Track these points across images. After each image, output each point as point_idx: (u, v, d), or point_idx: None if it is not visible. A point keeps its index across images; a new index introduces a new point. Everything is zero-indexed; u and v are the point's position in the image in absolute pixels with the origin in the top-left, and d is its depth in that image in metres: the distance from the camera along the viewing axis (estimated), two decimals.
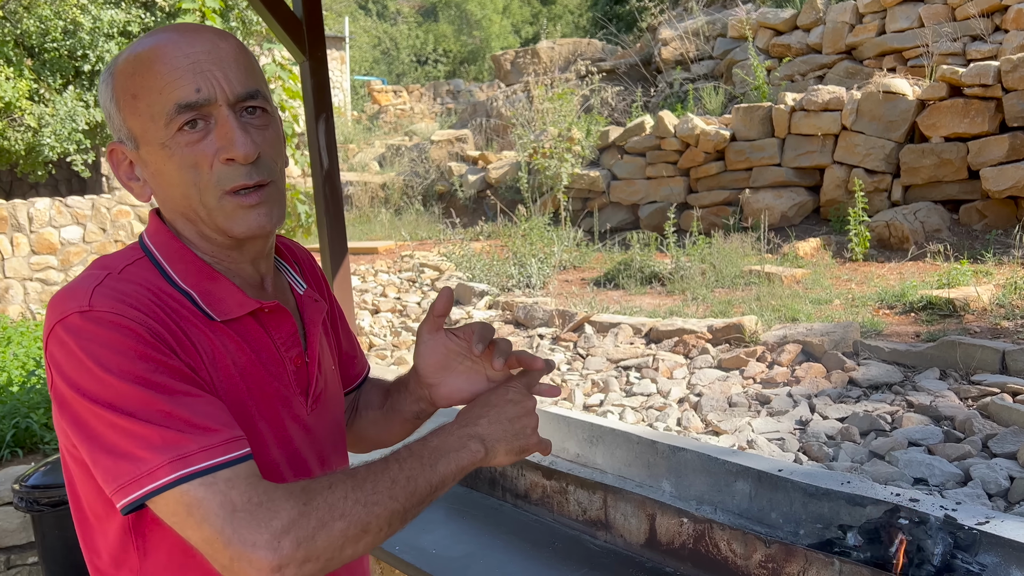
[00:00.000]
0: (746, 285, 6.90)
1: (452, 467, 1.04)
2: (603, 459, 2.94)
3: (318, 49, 4.52)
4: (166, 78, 1.00)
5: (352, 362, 1.41)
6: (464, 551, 2.44)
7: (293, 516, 0.90)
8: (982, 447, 3.62)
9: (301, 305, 1.21)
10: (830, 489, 2.31)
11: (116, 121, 1.06)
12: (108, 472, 0.91)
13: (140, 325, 0.94)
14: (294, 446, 1.12)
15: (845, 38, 9.93)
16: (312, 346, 1.17)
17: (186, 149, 1.01)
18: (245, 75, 1.04)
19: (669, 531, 2.36)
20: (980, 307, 5.53)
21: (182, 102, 1.00)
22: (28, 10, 10.47)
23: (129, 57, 1.04)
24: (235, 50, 1.05)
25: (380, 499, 0.96)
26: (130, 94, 1.02)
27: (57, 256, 9.77)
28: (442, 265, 8.73)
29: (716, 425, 4.18)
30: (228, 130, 1.01)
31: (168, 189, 1.05)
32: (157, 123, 1.01)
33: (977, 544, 2.05)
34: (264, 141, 1.05)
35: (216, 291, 1.07)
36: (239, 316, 1.07)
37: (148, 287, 1.01)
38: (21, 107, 10.13)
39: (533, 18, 28.34)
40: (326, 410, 1.21)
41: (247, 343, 1.07)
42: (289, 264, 1.26)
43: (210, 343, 1.03)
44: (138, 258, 1.06)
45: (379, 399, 1.39)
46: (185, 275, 1.06)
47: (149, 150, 1.03)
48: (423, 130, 15.18)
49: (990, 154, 7.26)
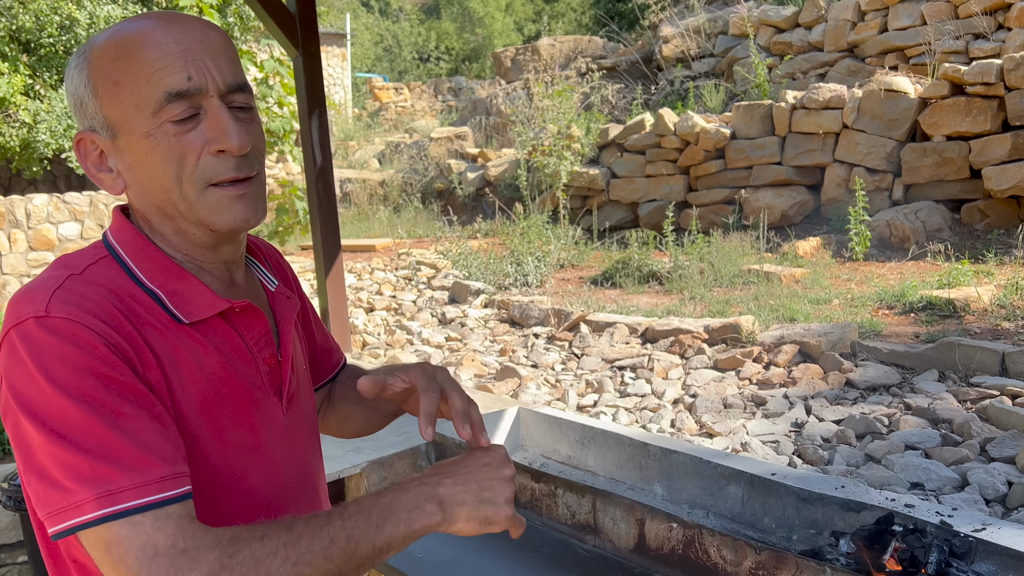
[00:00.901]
0: (745, 284, 6.85)
1: (401, 530, 0.94)
2: (595, 461, 2.90)
3: (311, 44, 4.49)
4: (155, 64, 0.95)
5: (328, 355, 1.38)
6: (450, 555, 2.40)
7: (214, 569, 0.84)
8: (980, 451, 3.57)
9: (273, 302, 1.17)
10: (824, 494, 2.27)
11: (90, 109, 1.00)
12: (37, 497, 0.88)
13: (97, 335, 0.90)
14: (267, 451, 1.07)
15: (847, 36, 9.87)
16: (285, 344, 1.13)
17: (173, 139, 0.97)
18: (235, 67, 1.01)
19: (658, 536, 2.31)
20: (980, 308, 5.48)
21: (172, 90, 0.95)
22: (24, 5, 10.43)
23: (109, 42, 0.98)
24: (224, 41, 1.02)
25: (313, 559, 0.89)
26: (111, 80, 0.97)
27: (55, 252, 9.74)
28: (439, 263, 8.69)
29: (710, 427, 4.13)
30: (221, 121, 0.97)
31: (146, 181, 1.00)
32: (143, 111, 0.96)
33: (973, 552, 2.00)
34: (252, 135, 1.02)
35: (184, 291, 1.02)
36: (208, 317, 1.02)
37: (111, 288, 0.96)
38: (16, 103, 10.09)
39: (536, 15, 28.26)
40: (301, 409, 1.17)
41: (214, 346, 1.02)
42: (259, 261, 1.22)
43: (174, 349, 0.98)
44: (102, 257, 1.02)
45: (357, 392, 1.34)
46: (152, 274, 1.02)
47: (129, 139, 0.98)
48: (423, 127, 15.15)
49: (992, 153, 7.21)
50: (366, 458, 2.86)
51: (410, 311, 7.34)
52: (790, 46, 10.51)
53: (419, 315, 7.16)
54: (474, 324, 6.71)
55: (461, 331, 6.55)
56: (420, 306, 7.45)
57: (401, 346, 6.32)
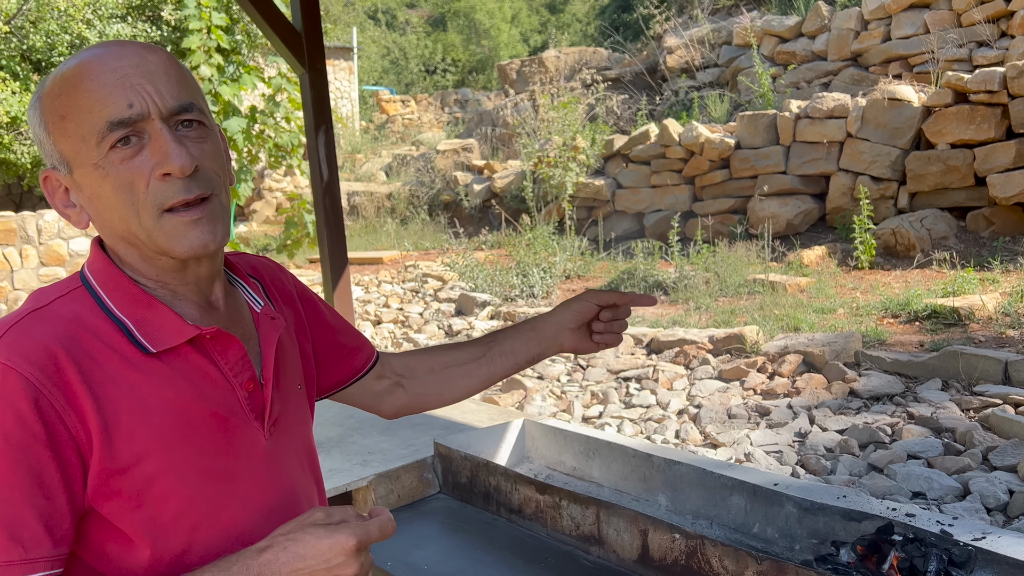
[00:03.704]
0: (750, 294, 6.87)
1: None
2: (599, 472, 2.92)
3: (317, 62, 4.55)
4: (95, 95, 0.96)
5: (354, 354, 1.40)
6: (456, 567, 2.43)
7: None
8: (982, 460, 3.58)
9: (258, 324, 1.16)
10: (825, 504, 2.29)
11: (47, 146, 1.01)
12: None
13: (27, 383, 0.91)
14: (247, 478, 1.07)
15: (850, 45, 9.90)
16: (267, 367, 1.12)
17: (120, 167, 0.97)
18: (177, 88, 1.00)
19: (661, 547, 2.34)
20: (985, 316, 5.49)
21: (114, 119, 0.96)
22: (35, 25, 10.56)
23: (56, 78, 1.00)
24: (165, 62, 1.01)
25: None
26: (58, 115, 0.98)
27: (66, 267, 9.83)
28: (445, 275, 8.74)
29: (714, 437, 4.15)
30: (162, 144, 0.97)
31: (105, 213, 1.01)
32: (88, 143, 0.97)
33: (972, 561, 2.02)
34: (202, 154, 1.01)
35: (152, 319, 1.02)
36: (176, 345, 1.03)
37: (70, 324, 0.97)
38: (27, 121, 10.20)
39: (542, 27, 28.40)
40: (288, 431, 1.16)
41: (182, 375, 1.02)
42: (246, 280, 1.21)
43: (136, 382, 0.98)
44: (73, 288, 1.03)
45: (455, 356, 1.48)
46: (122, 304, 1.02)
47: (82, 172, 0.99)
48: (430, 139, 15.22)
49: (997, 160, 7.22)
50: (373, 471, 2.90)
51: (417, 323, 7.38)
52: (794, 55, 10.55)
53: (426, 327, 7.20)
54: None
55: None
56: (427, 318, 7.50)
57: None
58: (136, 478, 0.97)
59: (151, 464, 0.97)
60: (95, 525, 0.98)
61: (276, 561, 0.94)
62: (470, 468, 2.72)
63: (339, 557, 0.93)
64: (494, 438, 2.97)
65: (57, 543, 0.93)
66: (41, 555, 0.91)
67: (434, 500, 2.80)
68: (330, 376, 1.38)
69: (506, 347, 1.48)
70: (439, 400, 1.52)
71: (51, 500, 0.92)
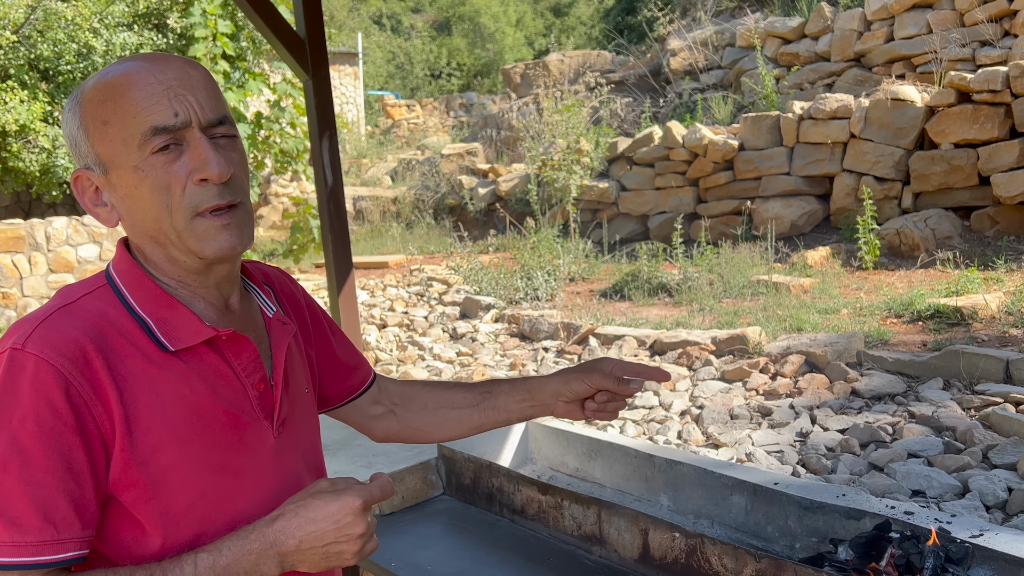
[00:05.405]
0: (754, 295, 6.89)
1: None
2: (602, 473, 2.95)
3: (321, 68, 4.59)
4: (141, 103, 1.03)
5: (351, 372, 1.44)
6: (459, 567, 2.45)
7: None
8: (982, 458, 3.59)
9: (270, 328, 1.22)
10: (825, 503, 2.31)
11: (83, 147, 1.08)
12: None
13: (58, 374, 0.96)
14: (255, 474, 1.12)
15: (853, 45, 9.91)
16: (277, 369, 1.18)
17: (160, 171, 1.03)
18: (215, 101, 1.08)
19: (662, 546, 2.36)
20: (988, 315, 5.50)
21: (159, 125, 1.02)
22: (42, 34, 10.64)
23: (98, 84, 1.06)
24: (204, 78, 1.08)
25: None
26: (101, 120, 1.05)
27: (74, 274, 9.90)
28: (450, 279, 8.77)
29: (716, 438, 4.18)
30: (202, 151, 1.04)
31: (138, 212, 1.07)
32: (129, 146, 1.03)
33: (969, 557, 2.04)
34: (234, 163, 1.08)
35: (172, 319, 1.08)
36: (194, 345, 1.08)
37: (97, 320, 1.03)
38: (36, 129, 10.28)
39: (546, 30, 28.43)
40: (296, 432, 1.21)
41: (198, 373, 1.08)
42: (260, 287, 1.27)
43: (155, 378, 1.04)
44: (99, 287, 1.09)
45: (450, 398, 1.50)
46: (144, 302, 1.08)
47: (120, 174, 1.05)
48: (435, 144, 15.26)
49: (1000, 160, 7.22)
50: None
51: (422, 327, 7.42)
52: (797, 57, 10.56)
53: (431, 331, 7.23)
54: (485, 339, 6.78)
55: (472, 346, 6.62)
56: (432, 322, 7.53)
57: (413, 362, 6.39)
58: (152, 470, 1.02)
59: (166, 457, 1.03)
60: (112, 512, 1.03)
61: (289, 527, 1.02)
62: (473, 469, 2.75)
63: (348, 517, 1.03)
64: (497, 440, 3.01)
65: (85, 526, 0.98)
66: (71, 536, 0.97)
67: (438, 501, 2.83)
68: (324, 390, 1.42)
69: (500, 402, 1.50)
70: (427, 437, 1.56)
71: (80, 485, 0.98)
